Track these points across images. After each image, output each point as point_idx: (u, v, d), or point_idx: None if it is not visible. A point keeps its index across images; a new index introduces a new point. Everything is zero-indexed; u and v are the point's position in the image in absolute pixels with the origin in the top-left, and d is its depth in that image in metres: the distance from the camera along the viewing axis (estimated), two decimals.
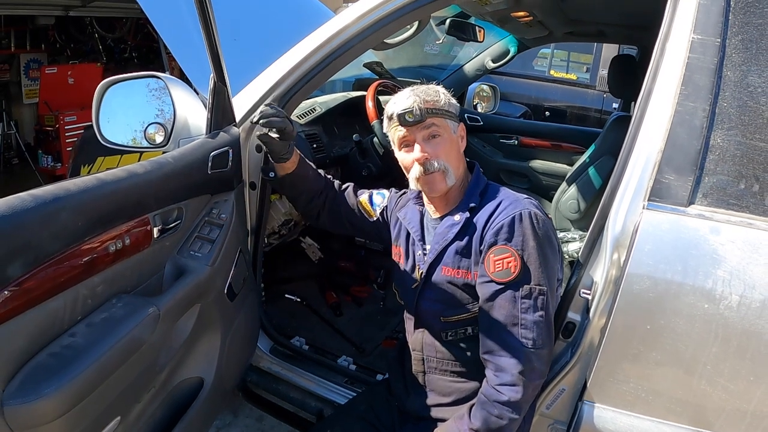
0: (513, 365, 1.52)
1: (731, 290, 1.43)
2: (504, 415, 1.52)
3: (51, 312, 1.19)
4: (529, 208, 1.57)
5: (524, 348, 1.52)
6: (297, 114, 2.58)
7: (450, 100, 1.68)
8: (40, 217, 1.12)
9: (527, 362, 1.52)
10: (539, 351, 1.53)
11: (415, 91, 1.65)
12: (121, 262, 1.38)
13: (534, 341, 1.53)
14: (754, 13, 1.49)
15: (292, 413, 2.33)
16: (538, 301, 1.54)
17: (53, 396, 1.13)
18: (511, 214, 1.56)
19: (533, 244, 1.53)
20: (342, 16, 1.99)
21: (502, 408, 1.52)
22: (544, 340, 1.54)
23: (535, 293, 1.54)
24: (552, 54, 7.70)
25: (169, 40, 2.13)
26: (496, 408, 1.53)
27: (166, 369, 1.57)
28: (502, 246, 1.55)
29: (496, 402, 1.53)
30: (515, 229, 1.54)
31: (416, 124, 1.61)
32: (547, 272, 1.55)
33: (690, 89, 1.51)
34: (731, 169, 1.48)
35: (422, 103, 1.61)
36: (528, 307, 1.53)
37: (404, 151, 1.68)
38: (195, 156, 1.64)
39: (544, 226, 1.57)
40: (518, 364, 1.52)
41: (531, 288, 1.53)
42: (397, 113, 1.62)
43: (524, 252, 1.53)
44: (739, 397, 1.49)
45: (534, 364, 1.53)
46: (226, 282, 1.75)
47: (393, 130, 1.68)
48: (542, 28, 3.36)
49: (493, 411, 1.53)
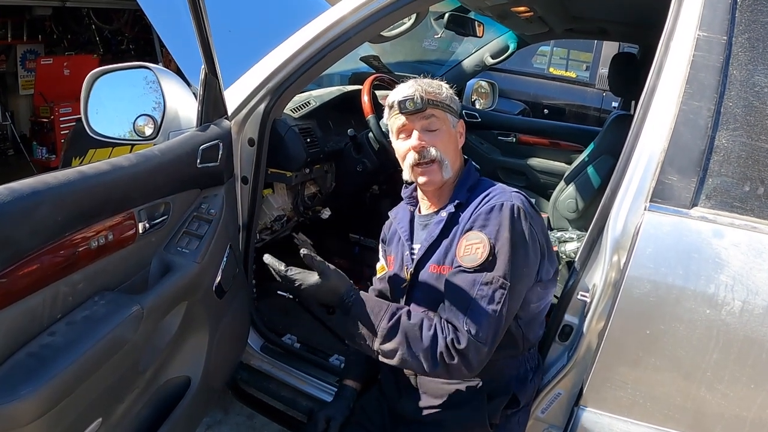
0: (450, 331, 1.47)
1: (734, 296, 1.41)
2: (409, 342, 1.48)
3: (29, 310, 1.16)
4: (513, 200, 1.54)
5: (466, 332, 1.46)
6: (291, 108, 2.54)
7: (452, 96, 1.68)
8: (17, 212, 1.09)
9: (462, 342, 1.45)
10: (478, 344, 1.45)
11: (418, 81, 1.65)
12: (104, 259, 1.34)
13: (477, 332, 1.45)
14: (761, 10, 1.47)
15: (283, 412, 2.31)
16: (497, 295, 1.47)
17: (31, 397, 1.10)
18: (492, 204, 1.53)
19: (507, 236, 1.49)
20: (338, 7, 1.96)
21: (418, 334, 1.48)
22: (487, 338, 1.46)
23: (496, 285, 1.47)
24: (551, 51, 7.68)
25: (161, 31, 2.11)
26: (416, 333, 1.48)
27: (151, 368, 1.53)
28: (475, 232, 1.52)
29: (422, 329, 1.48)
30: (492, 217, 1.51)
31: (416, 112, 1.60)
32: (513, 270, 1.49)
33: (695, 88, 1.49)
34: (736, 171, 1.45)
35: (424, 92, 1.60)
36: (484, 296, 1.47)
37: (402, 139, 1.66)
38: (183, 149, 1.61)
39: (524, 221, 1.52)
40: (455, 335, 1.46)
41: (494, 278, 1.48)
42: (398, 100, 1.61)
43: (496, 242, 1.49)
44: (738, 405, 1.48)
45: (467, 353, 1.45)
46: (215, 279, 1.71)
47: (393, 119, 1.67)
48: (542, 24, 3.33)
49: (412, 332, 1.48)
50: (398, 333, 1.49)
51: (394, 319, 1.50)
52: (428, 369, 1.49)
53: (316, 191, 2.74)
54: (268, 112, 2.01)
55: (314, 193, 2.74)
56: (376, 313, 1.52)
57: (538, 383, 1.71)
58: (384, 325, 1.50)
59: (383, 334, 1.50)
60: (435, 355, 1.46)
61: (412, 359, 1.48)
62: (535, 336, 1.68)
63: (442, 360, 1.46)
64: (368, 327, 1.51)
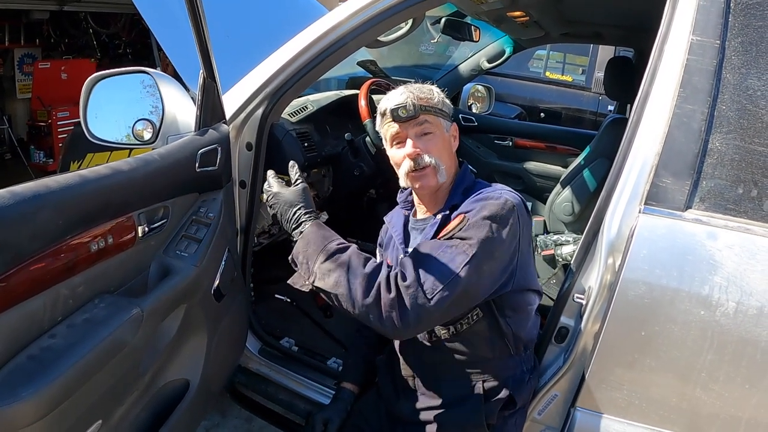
0: (398, 272, 1.45)
1: (728, 297, 1.42)
2: (345, 282, 1.45)
3: (30, 313, 1.16)
4: (504, 195, 1.53)
5: (414, 280, 1.42)
6: (288, 112, 2.55)
7: (443, 99, 1.67)
8: (18, 216, 1.09)
9: (408, 280, 1.42)
10: (423, 297, 1.39)
11: (408, 87, 1.64)
12: (103, 262, 1.34)
13: (424, 284, 1.40)
14: (754, 15, 1.47)
15: (281, 415, 2.30)
16: (458, 258, 1.42)
17: (31, 399, 1.10)
18: (486, 194, 1.54)
19: (485, 214, 1.47)
20: (335, 12, 1.96)
21: (357, 276, 1.45)
22: (435, 297, 1.39)
23: (458, 249, 1.44)
24: (548, 55, 7.68)
25: (160, 36, 2.10)
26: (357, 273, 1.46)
27: (151, 371, 1.53)
28: (459, 216, 1.52)
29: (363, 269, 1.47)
30: (478, 204, 1.51)
31: (409, 120, 1.60)
32: (484, 245, 1.44)
33: (688, 92, 1.50)
34: (729, 174, 1.46)
35: (416, 99, 1.60)
36: (444, 255, 1.44)
37: (396, 147, 1.66)
38: (182, 153, 1.61)
39: (512, 214, 1.49)
40: (402, 274, 1.44)
41: (458, 242, 1.45)
42: (390, 108, 1.61)
43: (472, 217, 1.48)
44: (734, 405, 1.48)
45: (406, 296, 1.40)
46: (213, 282, 1.72)
47: (386, 127, 1.66)
48: (538, 28, 3.35)
49: (352, 270, 1.47)
50: (343, 255, 1.49)
51: (344, 245, 1.53)
52: (359, 299, 1.43)
53: (313, 195, 2.74)
54: (265, 116, 2.01)
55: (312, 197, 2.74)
56: (329, 238, 1.54)
57: (535, 385, 1.71)
58: (332, 246, 1.51)
59: (328, 253, 1.49)
60: (372, 283, 1.43)
61: (346, 284, 1.44)
62: (528, 336, 1.67)
63: (377, 292, 1.42)
64: (317, 245, 1.52)
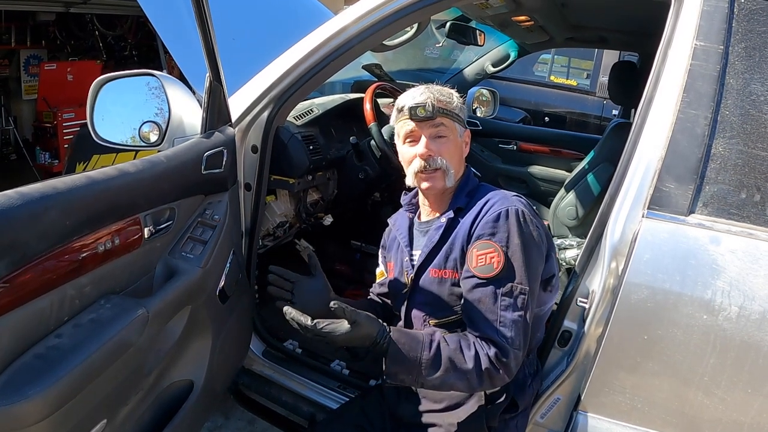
0: (490, 346, 1.48)
1: (730, 301, 1.42)
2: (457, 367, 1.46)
3: (37, 312, 1.17)
4: (516, 205, 1.55)
5: (504, 343, 1.48)
6: (294, 115, 2.55)
7: (461, 105, 1.69)
8: (27, 216, 1.10)
9: (506, 354, 1.47)
10: (516, 351, 1.48)
11: (430, 88, 1.65)
12: (110, 263, 1.35)
13: (512, 340, 1.48)
14: (758, 20, 1.48)
15: (284, 417, 2.31)
16: (519, 301, 1.50)
17: (37, 398, 1.11)
18: (497, 211, 1.54)
19: (518, 242, 1.51)
20: (341, 16, 1.97)
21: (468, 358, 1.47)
22: (521, 343, 1.49)
23: (516, 292, 1.50)
24: (552, 59, 7.67)
25: (166, 38, 2.11)
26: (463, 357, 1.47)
27: (155, 371, 1.55)
28: (485, 241, 1.53)
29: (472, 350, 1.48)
30: (500, 225, 1.53)
31: (426, 120, 1.61)
32: (530, 273, 1.52)
33: (692, 96, 1.50)
34: (732, 179, 1.46)
35: (435, 101, 1.61)
36: (508, 305, 1.50)
37: (408, 144, 1.67)
38: (188, 156, 1.62)
39: (531, 225, 1.54)
40: (497, 349, 1.47)
41: (512, 286, 1.50)
42: (409, 106, 1.61)
43: (508, 249, 1.51)
44: (736, 409, 1.48)
45: (510, 362, 1.47)
46: (218, 284, 1.72)
47: (401, 123, 1.67)
48: (543, 33, 3.35)
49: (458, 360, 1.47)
50: (442, 361, 1.47)
51: (434, 348, 1.48)
52: (474, 387, 1.51)
53: (318, 198, 2.75)
54: (271, 119, 2.02)
55: (316, 200, 2.75)
56: (414, 348, 1.48)
57: (537, 388, 1.72)
58: (426, 357, 1.47)
59: (427, 366, 1.47)
60: (480, 373, 1.46)
61: (458, 381, 1.48)
62: (535, 340, 1.69)
63: (488, 375, 1.47)
64: (410, 362, 1.47)
